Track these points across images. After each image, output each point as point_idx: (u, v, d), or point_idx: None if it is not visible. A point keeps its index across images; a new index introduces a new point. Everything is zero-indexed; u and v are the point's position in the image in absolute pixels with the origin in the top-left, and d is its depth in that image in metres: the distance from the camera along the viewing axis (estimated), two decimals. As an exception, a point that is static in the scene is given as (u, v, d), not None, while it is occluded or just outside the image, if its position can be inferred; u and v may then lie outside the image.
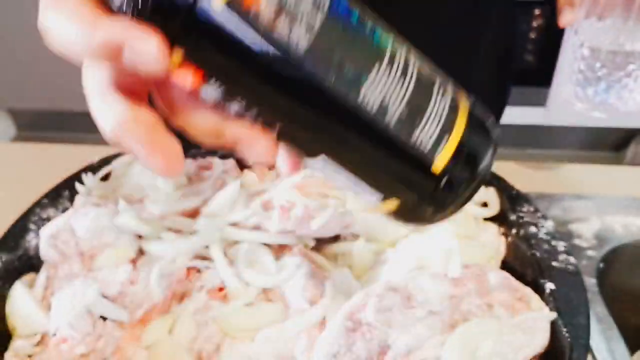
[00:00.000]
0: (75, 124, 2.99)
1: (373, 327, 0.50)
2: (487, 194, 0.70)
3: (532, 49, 2.53)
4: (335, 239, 0.63)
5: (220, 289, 0.57)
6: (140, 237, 0.62)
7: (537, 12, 2.43)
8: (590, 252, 0.66)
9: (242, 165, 0.74)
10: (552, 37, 2.42)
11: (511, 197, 0.68)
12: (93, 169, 0.71)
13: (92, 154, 0.77)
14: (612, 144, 2.87)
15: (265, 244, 0.61)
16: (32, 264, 0.59)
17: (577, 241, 0.67)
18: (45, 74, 2.72)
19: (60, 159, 0.86)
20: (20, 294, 0.54)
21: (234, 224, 0.63)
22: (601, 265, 0.66)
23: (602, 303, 0.59)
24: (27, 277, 0.58)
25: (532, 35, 2.50)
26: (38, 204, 0.65)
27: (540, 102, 2.60)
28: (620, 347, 0.56)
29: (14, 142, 2.95)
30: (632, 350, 0.71)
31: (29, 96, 2.82)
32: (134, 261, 0.58)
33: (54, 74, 2.73)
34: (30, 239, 0.60)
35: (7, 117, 3.03)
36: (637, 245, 0.68)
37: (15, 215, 0.63)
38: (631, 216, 0.71)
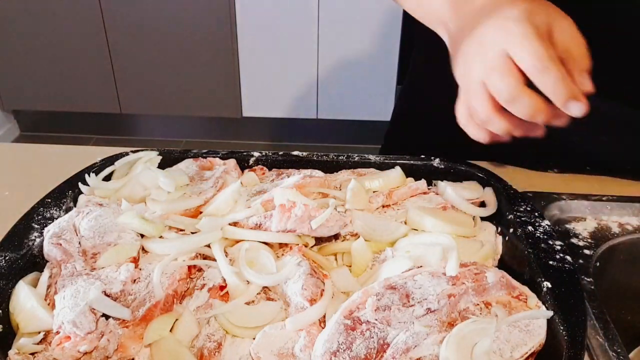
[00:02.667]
0: (78, 125, 3.02)
1: (372, 325, 0.51)
2: (484, 193, 0.71)
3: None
4: (335, 238, 0.64)
5: (222, 287, 0.57)
6: (142, 236, 0.62)
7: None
8: (586, 251, 0.66)
9: (242, 165, 0.75)
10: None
11: (509, 197, 0.68)
12: (95, 169, 0.72)
13: (94, 154, 0.78)
14: None
15: (265, 243, 0.62)
16: (35, 262, 0.59)
17: (573, 240, 0.68)
18: (48, 76, 2.75)
19: (62, 159, 0.87)
20: (23, 293, 0.55)
21: (235, 223, 0.63)
22: (597, 263, 0.66)
23: (598, 301, 0.59)
24: (31, 276, 0.58)
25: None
26: (41, 204, 0.65)
27: None
28: (617, 344, 0.56)
29: (18, 142, 2.96)
30: (628, 347, 0.72)
31: (32, 98, 2.84)
32: (136, 260, 0.59)
33: (57, 76, 2.76)
34: (34, 238, 0.61)
35: (10, 118, 3.04)
36: (632, 244, 0.68)
37: (19, 215, 0.63)
38: (626, 216, 0.71)
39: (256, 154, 0.76)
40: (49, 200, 0.66)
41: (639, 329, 0.71)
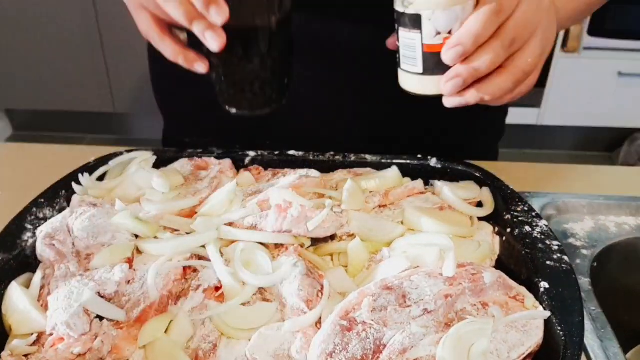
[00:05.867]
0: (71, 124, 3.00)
1: (368, 325, 0.50)
2: (482, 193, 0.70)
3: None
4: (331, 238, 0.64)
5: (217, 288, 0.57)
6: (136, 236, 0.62)
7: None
8: (583, 251, 0.66)
9: (237, 165, 0.75)
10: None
11: (506, 197, 0.68)
12: (89, 169, 0.71)
13: (88, 154, 0.77)
14: (605, 145, 2.88)
15: (261, 244, 0.61)
16: (28, 263, 0.59)
17: (570, 240, 0.68)
18: (41, 74, 2.72)
19: (56, 158, 0.87)
20: (16, 294, 0.54)
21: (230, 224, 0.63)
22: (594, 264, 0.66)
23: (595, 301, 0.59)
24: (24, 277, 0.58)
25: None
26: (35, 204, 0.65)
27: (535, 102, 2.60)
28: (614, 345, 0.56)
29: (11, 141, 2.95)
30: (625, 348, 0.71)
31: (25, 96, 2.81)
32: (130, 261, 0.58)
33: (50, 74, 2.74)
34: (27, 239, 0.60)
35: (3, 117, 3.03)
36: (630, 244, 0.68)
37: (12, 215, 0.63)
38: (624, 215, 0.71)
39: (252, 153, 0.75)
40: (42, 200, 0.66)
41: (636, 329, 0.71)
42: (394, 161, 0.74)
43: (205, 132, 0.87)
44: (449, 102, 0.58)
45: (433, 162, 0.74)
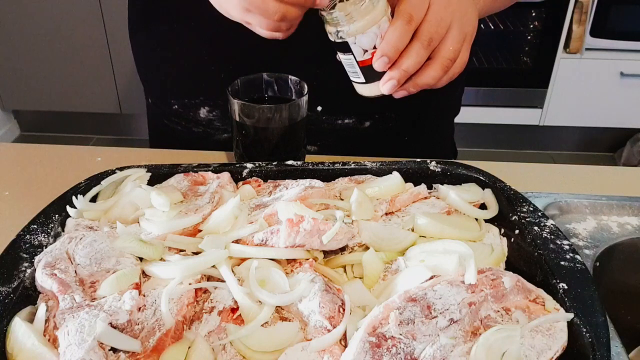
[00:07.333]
0: (78, 125, 2.92)
1: (397, 340, 0.49)
2: (484, 195, 0.70)
3: (529, 50, 2.53)
4: (342, 250, 0.62)
5: (233, 310, 0.55)
6: (140, 259, 0.59)
7: (533, 13, 2.43)
8: (586, 251, 0.67)
9: (235, 177, 0.72)
10: (549, 38, 2.44)
11: (509, 198, 0.68)
12: (81, 189, 0.68)
13: (94, 154, 0.77)
14: (607, 145, 2.91)
15: (272, 260, 0.59)
16: (28, 295, 0.55)
17: (573, 240, 0.68)
18: (48, 76, 2.67)
19: (62, 159, 0.85)
20: (21, 330, 0.50)
21: (237, 241, 0.61)
22: (597, 264, 0.67)
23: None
24: (26, 310, 0.54)
25: (529, 36, 2.51)
26: (27, 231, 0.61)
27: (538, 103, 2.60)
28: (616, 344, 0.56)
29: (18, 142, 2.90)
30: (628, 348, 0.73)
31: (33, 98, 2.76)
32: (138, 286, 0.55)
33: (57, 76, 2.67)
34: (24, 269, 0.56)
35: (11, 118, 2.98)
36: (632, 244, 0.69)
37: (20, 215, 0.61)
38: (626, 215, 0.72)
39: (249, 165, 0.73)
40: (35, 226, 0.62)
41: (639, 329, 0.72)
42: (394, 166, 0.74)
43: (194, 93, 0.91)
44: (395, 95, 0.69)
45: (432, 165, 0.74)
